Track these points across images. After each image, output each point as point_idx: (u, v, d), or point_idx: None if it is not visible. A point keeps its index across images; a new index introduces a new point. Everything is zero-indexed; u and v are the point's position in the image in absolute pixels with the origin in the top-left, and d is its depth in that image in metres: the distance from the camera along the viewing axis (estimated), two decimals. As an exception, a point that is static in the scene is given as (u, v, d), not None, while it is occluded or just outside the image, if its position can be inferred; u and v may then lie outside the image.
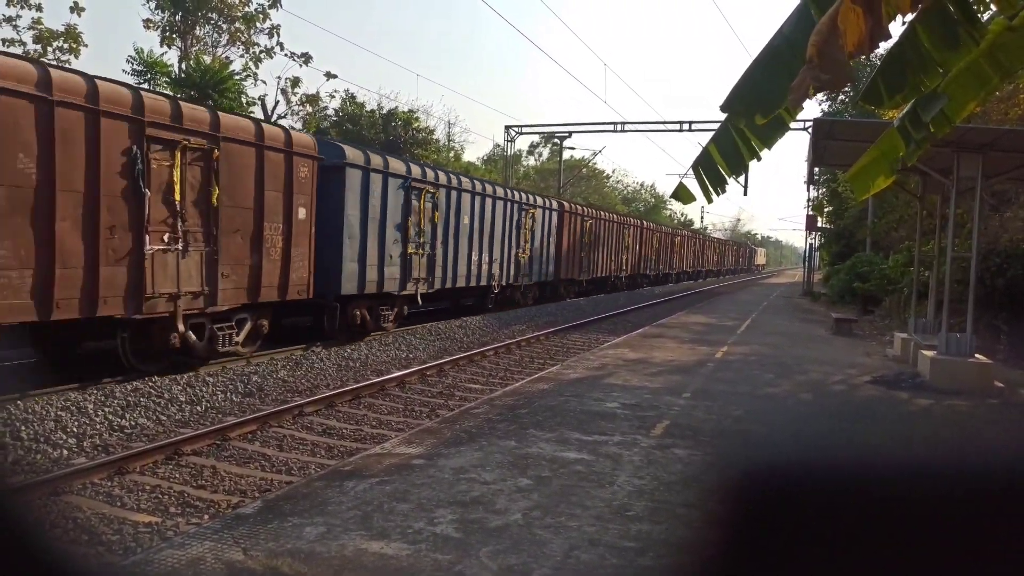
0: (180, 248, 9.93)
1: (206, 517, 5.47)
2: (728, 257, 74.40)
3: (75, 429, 7.46)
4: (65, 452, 6.89)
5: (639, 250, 36.52)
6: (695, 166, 5.67)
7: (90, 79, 8.90)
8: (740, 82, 4.82)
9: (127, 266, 9.22)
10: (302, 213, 12.15)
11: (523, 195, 23.39)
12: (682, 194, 6.15)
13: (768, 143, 5.23)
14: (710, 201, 5.83)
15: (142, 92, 9.74)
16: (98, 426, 7.66)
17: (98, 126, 8.79)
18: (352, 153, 13.96)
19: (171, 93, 13.37)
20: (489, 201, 20.05)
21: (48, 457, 6.72)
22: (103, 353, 10.17)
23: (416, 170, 16.28)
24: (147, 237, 9.41)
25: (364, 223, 14.06)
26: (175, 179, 9.76)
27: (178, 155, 9.80)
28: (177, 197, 9.80)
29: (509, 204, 21.49)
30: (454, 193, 17.86)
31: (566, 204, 27.74)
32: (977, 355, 10.38)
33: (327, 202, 12.92)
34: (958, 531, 0.73)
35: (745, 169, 5.47)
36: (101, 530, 5.18)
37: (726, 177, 5.51)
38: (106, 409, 8.10)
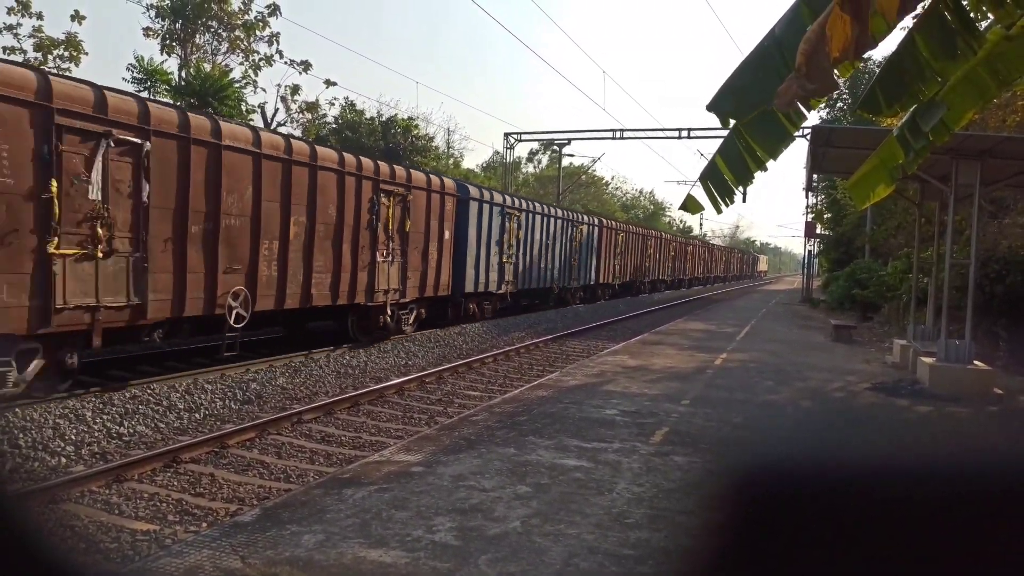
0: (390, 260, 14.87)
1: (204, 525, 5.45)
2: (733, 264, 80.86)
3: (73, 437, 7.44)
4: (63, 460, 6.88)
5: (659, 258, 41.59)
6: (703, 178, 5.69)
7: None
8: (728, 82, 4.83)
9: (367, 272, 14.11)
10: (447, 235, 17.30)
11: (573, 214, 28.40)
12: (690, 205, 6.18)
13: (773, 153, 5.24)
14: (719, 212, 5.86)
15: (379, 163, 14.77)
16: (96, 433, 7.64)
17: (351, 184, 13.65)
18: (473, 191, 19.38)
19: (378, 160, 15.83)
20: (551, 220, 24.84)
21: (46, 465, 6.70)
22: (323, 331, 14.77)
23: (508, 200, 21.80)
24: (378, 253, 14.34)
25: (478, 240, 19.07)
26: (392, 216, 14.81)
27: (393, 200, 14.83)
28: (391, 227, 14.82)
29: (564, 222, 26.09)
30: (529, 216, 22.76)
31: (605, 220, 32.83)
32: (976, 362, 10.38)
33: (458, 226, 18.05)
34: (956, 534, 0.73)
35: (751, 180, 5.49)
36: (99, 538, 5.17)
37: (733, 188, 5.53)
38: (104, 416, 8.08)
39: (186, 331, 11.08)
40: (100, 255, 8.77)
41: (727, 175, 5.48)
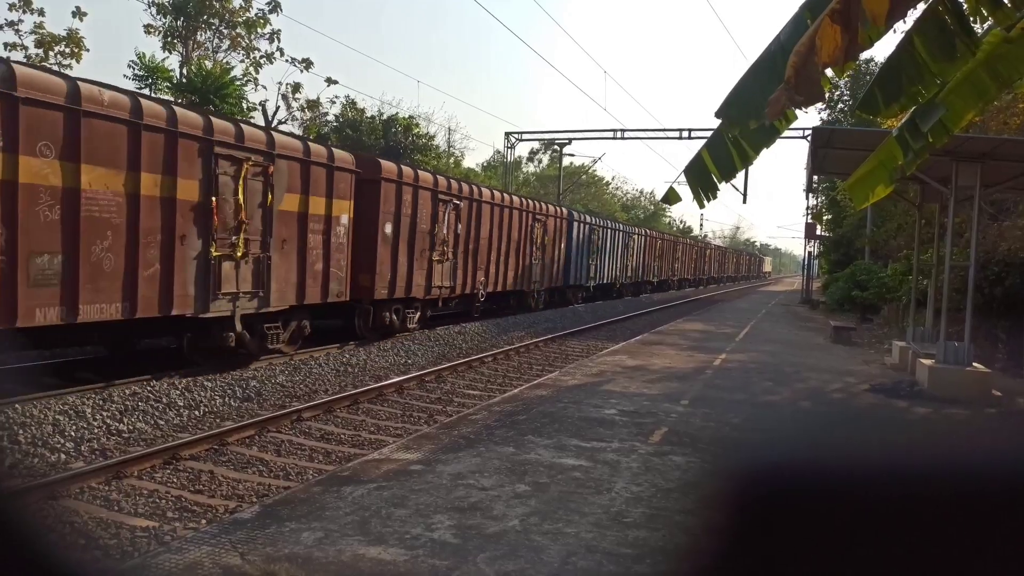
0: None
1: (203, 522, 5.46)
2: (743, 265, 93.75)
3: (73, 433, 7.45)
4: (63, 456, 6.88)
5: (684, 260, 50.31)
6: (687, 171, 5.71)
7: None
8: (735, 89, 4.86)
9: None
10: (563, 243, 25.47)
11: (621, 224, 35.65)
12: (670, 196, 6.23)
13: (758, 149, 5.27)
14: (702, 207, 5.88)
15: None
16: (96, 430, 7.65)
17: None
18: (576, 215, 27.91)
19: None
20: (614, 233, 32.31)
21: (46, 461, 6.71)
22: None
23: (598, 220, 30.93)
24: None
25: (569, 249, 26.55)
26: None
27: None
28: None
29: (618, 232, 32.88)
30: (607, 231, 31.35)
31: (650, 231, 41.03)
32: (975, 364, 10.39)
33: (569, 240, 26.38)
34: (953, 534, 0.74)
35: (735, 175, 5.51)
36: (98, 534, 5.18)
37: (717, 183, 5.55)
38: (104, 413, 8.09)
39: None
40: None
41: (712, 170, 5.51)
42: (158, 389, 9.20)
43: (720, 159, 5.40)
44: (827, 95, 5.26)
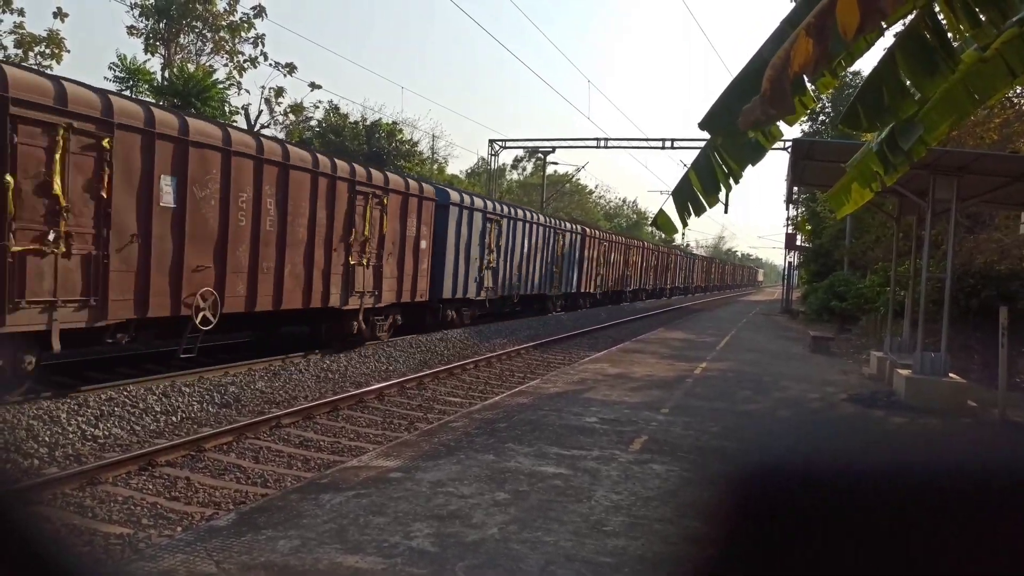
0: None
1: (179, 529, 5.39)
2: (738, 275, 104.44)
3: (47, 439, 7.33)
4: (36, 462, 6.77)
5: (676, 270, 54.08)
6: (675, 193, 5.75)
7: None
8: (719, 101, 4.90)
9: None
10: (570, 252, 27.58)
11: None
12: (661, 222, 6.22)
13: (743, 165, 5.31)
14: (685, 225, 5.91)
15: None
16: (71, 435, 7.54)
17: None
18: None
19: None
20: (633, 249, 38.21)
21: (18, 467, 6.58)
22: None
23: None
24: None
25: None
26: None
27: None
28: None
29: (652, 251, 41.46)
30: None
31: (639, 242, 43.04)
32: (951, 374, 10.51)
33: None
34: (928, 537, 0.75)
35: (720, 195, 5.55)
36: (71, 541, 5.08)
37: (704, 203, 5.60)
38: (79, 418, 7.98)
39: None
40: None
41: (698, 189, 5.55)
42: (135, 394, 9.08)
43: (706, 178, 5.44)
44: (809, 108, 5.32)
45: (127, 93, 23.16)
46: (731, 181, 5.42)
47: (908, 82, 4.58)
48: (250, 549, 4.00)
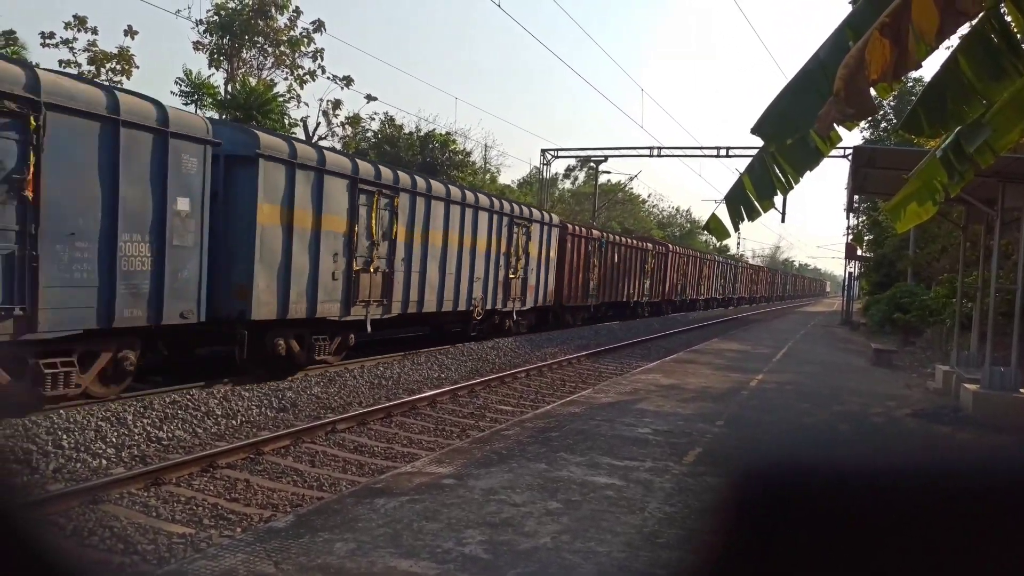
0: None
1: (239, 530, 5.53)
2: (807, 287, 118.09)
3: (114, 439, 7.61)
4: (104, 462, 7.04)
5: (755, 283, 64.47)
6: (727, 198, 5.67)
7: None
8: (772, 105, 4.83)
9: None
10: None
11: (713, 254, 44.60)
12: (713, 226, 6.14)
13: (800, 171, 5.21)
14: (736, 230, 5.82)
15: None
16: (136, 437, 7.81)
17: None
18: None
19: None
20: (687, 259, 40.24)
21: (88, 466, 6.87)
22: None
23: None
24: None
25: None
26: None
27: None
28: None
29: (722, 264, 46.33)
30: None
31: (749, 263, 57.04)
32: (1022, 389, 10.09)
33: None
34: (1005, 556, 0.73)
35: (775, 200, 5.45)
36: (137, 539, 5.27)
37: (758, 208, 5.50)
38: (145, 420, 8.26)
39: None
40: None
41: (752, 194, 5.46)
42: (197, 398, 9.36)
43: (760, 183, 5.36)
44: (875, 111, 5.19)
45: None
46: (787, 187, 5.32)
47: (973, 86, 4.44)
48: (307, 551, 4.09)
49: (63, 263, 8.24)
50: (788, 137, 4.73)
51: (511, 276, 19.26)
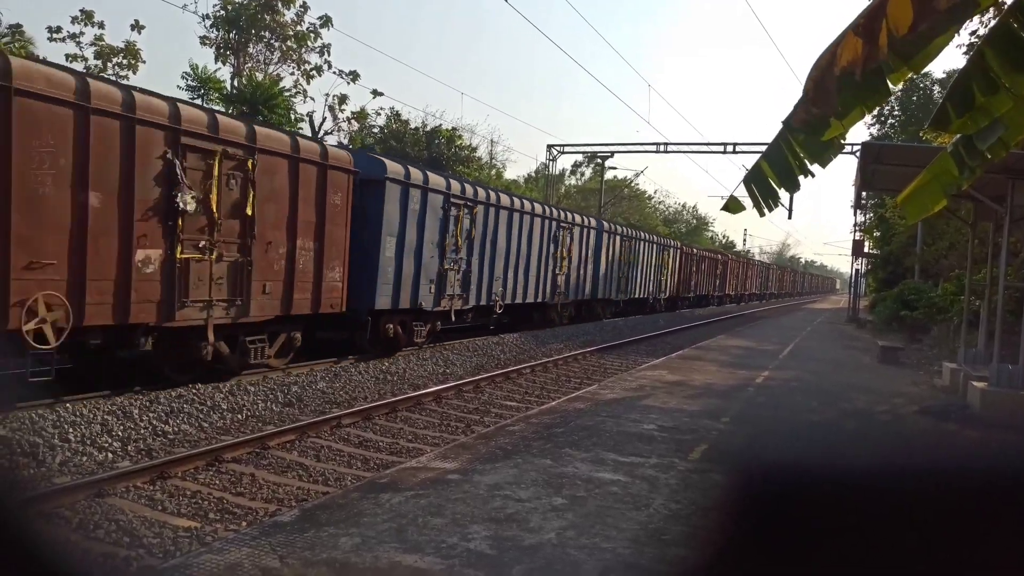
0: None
1: (244, 524, 5.54)
2: (817, 284, 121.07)
3: (120, 433, 7.63)
4: (110, 455, 7.05)
5: (771, 281, 69.07)
6: (746, 181, 5.64)
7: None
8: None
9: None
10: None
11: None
12: (731, 206, 6.12)
13: (823, 161, 5.18)
14: (762, 214, 5.80)
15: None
16: (142, 431, 7.83)
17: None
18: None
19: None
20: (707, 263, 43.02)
21: (94, 460, 6.88)
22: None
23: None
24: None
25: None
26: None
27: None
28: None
29: (734, 262, 47.70)
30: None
31: (776, 263, 63.38)
32: (1030, 388, 10.03)
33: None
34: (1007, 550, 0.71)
35: (797, 184, 5.41)
36: (142, 533, 5.29)
37: (777, 191, 5.47)
38: (150, 414, 8.28)
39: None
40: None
41: (772, 178, 5.42)
42: (203, 392, 9.38)
43: (779, 167, 5.33)
44: (878, 109, 5.19)
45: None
46: (806, 174, 5.29)
47: (1000, 79, 4.40)
48: (313, 545, 4.09)
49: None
50: (816, 132, 4.74)
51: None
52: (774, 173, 5.35)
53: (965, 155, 4.97)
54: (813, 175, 5.30)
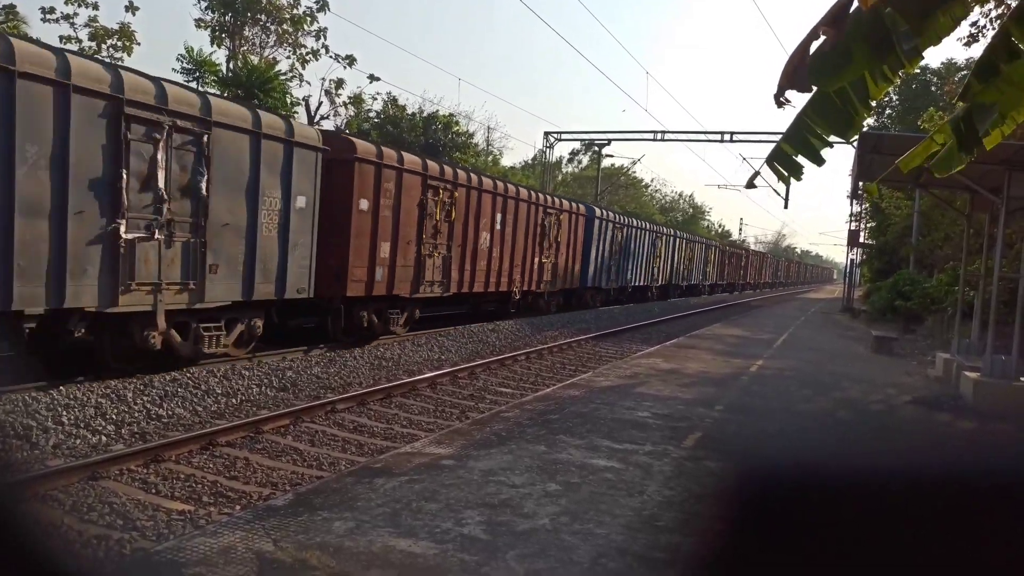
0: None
1: (238, 507, 5.55)
2: (816, 274, 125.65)
3: (114, 416, 7.63)
4: (104, 438, 7.05)
5: (777, 270, 69.91)
6: (769, 161, 5.64)
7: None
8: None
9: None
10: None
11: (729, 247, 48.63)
12: (754, 181, 6.15)
13: (848, 135, 5.25)
14: (788, 185, 5.85)
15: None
16: (136, 414, 7.82)
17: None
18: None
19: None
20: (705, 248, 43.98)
21: (87, 443, 6.88)
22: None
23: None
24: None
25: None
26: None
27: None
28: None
29: (733, 252, 49.63)
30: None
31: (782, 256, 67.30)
32: (1023, 378, 10.09)
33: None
34: (994, 540, 0.71)
35: (819, 157, 5.43)
36: (136, 515, 5.29)
37: (801, 165, 5.48)
38: (145, 398, 8.27)
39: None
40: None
41: (793, 154, 5.45)
42: (197, 376, 9.37)
43: (800, 145, 5.34)
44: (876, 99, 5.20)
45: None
46: (826, 146, 5.31)
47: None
48: (306, 529, 4.09)
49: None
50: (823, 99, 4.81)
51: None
52: (795, 151, 5.38)
53: (965, 129, 4.93)
54: (833, 146, 5.36)
